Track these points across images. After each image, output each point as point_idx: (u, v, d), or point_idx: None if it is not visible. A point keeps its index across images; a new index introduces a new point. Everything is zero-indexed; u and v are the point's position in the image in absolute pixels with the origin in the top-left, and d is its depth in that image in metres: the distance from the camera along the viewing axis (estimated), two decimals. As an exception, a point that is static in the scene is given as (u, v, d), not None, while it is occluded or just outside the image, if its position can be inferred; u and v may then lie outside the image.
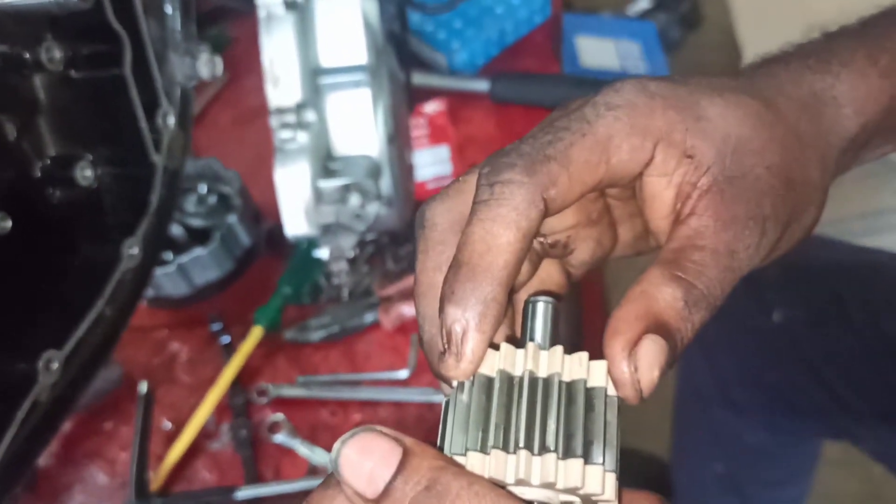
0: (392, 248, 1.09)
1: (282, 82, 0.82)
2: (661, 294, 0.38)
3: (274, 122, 0.83)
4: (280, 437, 0.96)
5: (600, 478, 0.35)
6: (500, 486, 0.35)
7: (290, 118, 0.82)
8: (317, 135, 0.86)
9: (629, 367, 0.36)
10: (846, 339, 1.10)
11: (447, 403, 0.38)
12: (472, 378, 0.37)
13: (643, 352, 0.36)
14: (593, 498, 0.36)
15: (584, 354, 0.38)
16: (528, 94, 1.21)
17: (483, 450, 0.35)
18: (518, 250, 0.37)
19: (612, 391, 0.37)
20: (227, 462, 0.97)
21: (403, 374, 0.99)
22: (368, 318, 1.04)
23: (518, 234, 0.37)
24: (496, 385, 0.37)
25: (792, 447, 1.29)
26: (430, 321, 0.40)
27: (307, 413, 0.99)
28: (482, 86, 1.23)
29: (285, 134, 0.82)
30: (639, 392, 0.36)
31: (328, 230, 0.87)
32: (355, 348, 1.04)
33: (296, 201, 0.85)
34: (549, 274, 0.45)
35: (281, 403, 1.00)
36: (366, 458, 0.34)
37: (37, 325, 0.55)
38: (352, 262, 1.06)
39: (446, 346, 0.37)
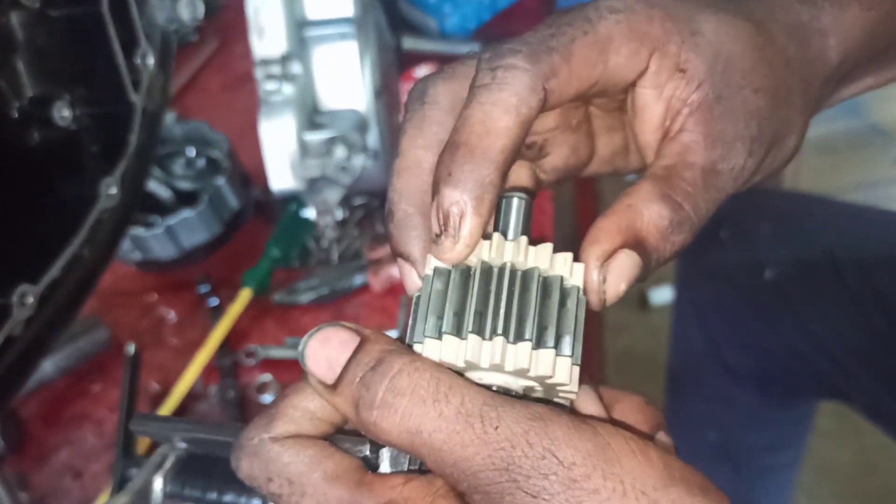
0: (381, 210, 1.08)
1: (267, 33, 0.81)
2: (647, 211, 0.38)
3: (259, 73, 0.82)
4: (268, 398, 0.96)
5: (568, 369, 0.36)
6: (472, 367, 0.36)
7: (276, 69, 0.81)
8: (302, 87, 0.85)
9: (599, 276, 0.37)
10: (838, 295, 1.10)
11: (418, 295, 0.38)
12: (432, 271, 0.37)
13: (615, 265, 0.37)
14: (557, 388, 0.37)
15: (569, 255, 0.38)
16: (519, 58, 1.20)
17: (458, 334, 0.36)
18: (516, 136, 0.37)
19: (575, 283, 0.38)
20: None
21: (393, 334, 0.98)
22: (358, 280, 1.03)
23: (518, 120, 0.37)
24: (453, 276, 0.37)
25: (784, 410, 1.29)
26: (406, 199, 0.40)
27: (296, 374, 0.98)
28: (473, 50, 1.22)
29: (270, 86, 0.81)
30: (602, 301, 0.38)
31: (314, 185, 0.86)
32: (344, 310, 1.04)
33: (281, 155, 0.84)
34: (519, 177, 0.44)
35: (269, 365, 0.99)
36: (326, 347, 0.35)
37: (12, 260, 0.55)
38: (341, 224, 1.05)
39: (442, 229, 0.37)
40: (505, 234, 0.39)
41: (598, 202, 1.82)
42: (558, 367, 0.36)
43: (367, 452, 0.38)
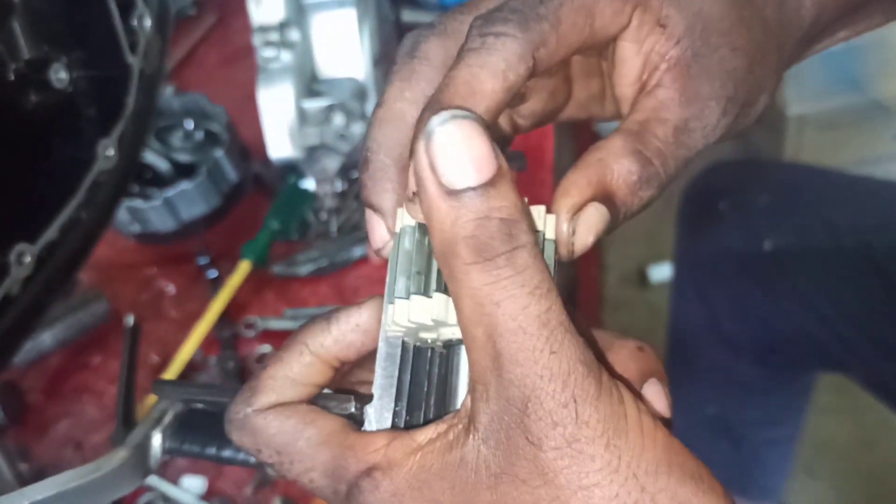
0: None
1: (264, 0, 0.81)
2: (617, 165, 0.38)
3: (257, 40, 0.82)
4: (268, 369, 0.96)
5: None
6: (441, 324, 0.36)
7: (274, 36, 0.80)
8: (301, 55, 0.84)
9: (568, 228, 0.37)
10: (837, 265, 1.10)
11: (392, 252, 0.38)
12: (411, 225, 0.37)
13: (584, 217, 0.37)
14: None
15: (542, 208, 0.38)
16: (519, 31, 1.19)
17: (426, 293, 0.36)
18: (500, 101, 0.37)
19: (549, 235, 0.37)
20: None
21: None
22: (357, 252, 1.03)
23: (503, 85, 0.37)
24: (417, 231, 0.37)
25: (783, 382, 1.29)
26: (385, 150, 0.39)
27: (296, 345, 0.99)
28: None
29: (268, 52, 0.80)
30: (571, 252, 0.38)
31: (313, 153, 0.86)
32: (344, 282, 1.03)
33: (279, 123, 0.83)
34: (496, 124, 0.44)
35: (269, 336, 0.99)
36: (466, 150, 0.32)
37: (9, 220, 0.54)
38: (340, 196, 1.05)
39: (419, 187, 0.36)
40: None
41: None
42: None
43: (353, 409, 0.38)
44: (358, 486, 0.35)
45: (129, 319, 0.94)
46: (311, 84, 0.87)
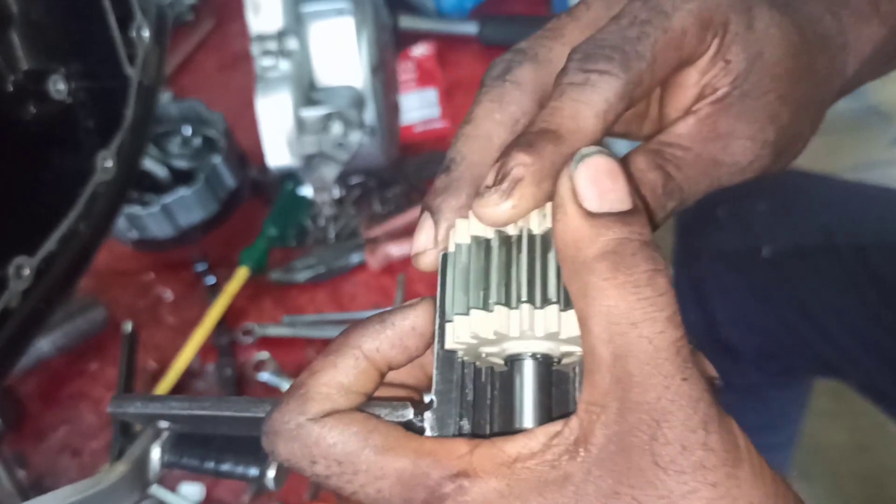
0: (379, 190, 1.08)
1: (263, 8, 0.81)
2: (646, 179, 0.39)
3: (255, 49, 0.82)
4: (265, 376, 0.96)
5: None
6: (503, 338, 0.36)
7: (272, 45, 0.80)
8: (299, 63, 0.84)
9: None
10: (834, 271, 1.10)
11: (443, 267, 0.38)
12: (469, 240, 0.37)
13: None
14: None
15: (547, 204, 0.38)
16: (517, 37, 1.18)
17: (486, 307, 0.35)
18: (599, 138, 0.37)
19: None
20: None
21: (390, 313, 0.98)
22: (355, 258, 1.03)
23: (603, 125, 0.37)
24: (493, 244, 0.37)
25: (781, 389, 1.30)
26: (467, 164, 0.39)
27: (293, 352, 0.99)
28: (471, 28, 1.21)
29: (267, 61, 0.80)
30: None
31: (311, 161, 0.86)
32: (341, 289, 1.04)
33: (277, 131, 0.84)
34: None
35: (266, 343, 1.00)
36: (612, 180, 0.34)
37: (8, 232, 0.54)
38: (338, 203, 1.05)
39: (497, 182, 0.36)
40: None
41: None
42: None
43: (412, 416, 0.36)
44: (441, 493, 0.34)
45: (127, 326, 0.94)
46: (308, 92, 0.87)
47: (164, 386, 0.94)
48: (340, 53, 0.87)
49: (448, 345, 0.36)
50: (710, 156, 0.40)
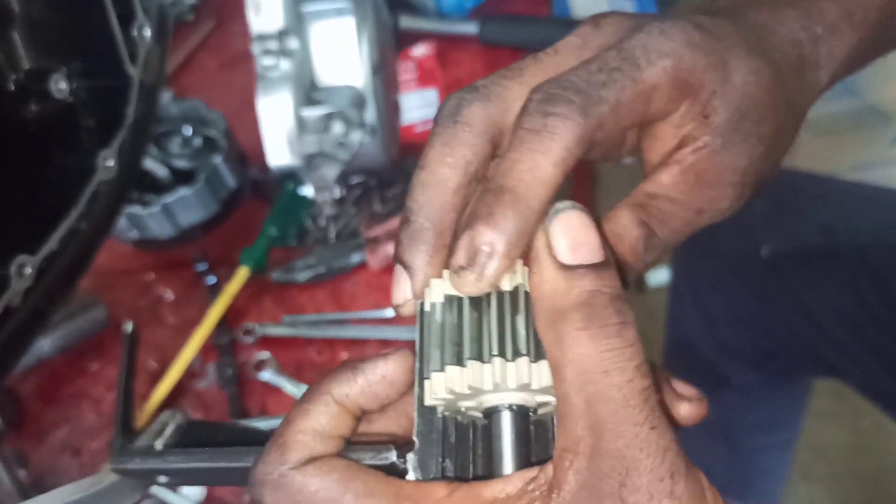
0: (379, 190, 1.08)
1: (263, 8, 0.81)
2: (627, 235, 0.40)
3: (256, 48, 0.82)
4: (266, 375, 0.96)
5: None
6: (479, 392, 0.37)
7: (273, 45, 0.81)
8: (300, 63, 0.84)
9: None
10: (834, 271, 1.10)
11: (420, 323, 0.39)
12: (442, 298, 0.38)
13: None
14: None
15: (518, 260, 0.39)
16: (517, 37, 1.20)
17: (459, 363, 0.36)
18: (558, 186, 0.38)
19: None
20: (213, 400, 0.96)
21: (390, 312, 0.98)
22: (355, 258, 1.03)
23: (562, 172, 0.38)
24: (465, 302, 0.38)
25: (780, 389, 1.30)
26: (425, 213, 0.40)
27: (293, 352, 0.99)
28: (471, 28, 1.21)
29: (267, 61, 0.80)
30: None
31: (311, 161, 0.86)
32: (342, 288, 1.04)
33: (278, 131, 0.84)
34: None
35: (267, 342, 1.00)
36: (584, 234, 0.36)
37: (10, 231, 0.54)
38: (339, 202, 1.05)
39: (468, 264, 0.37)
40: None
41: (595, 184, 1.82)
42: None
43: (395, 458, 0.38)
44: None
45: (128, 326, 0.94)
46: (309, 92, 0.87)
47: (165, 386, 0.94)
48: (341, 53, 0.87)
49: (427, 401, 0.37)
50: (695, 206, 0.41)
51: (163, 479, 0.45)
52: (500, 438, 0.38)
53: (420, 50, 1.19)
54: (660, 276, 2.21)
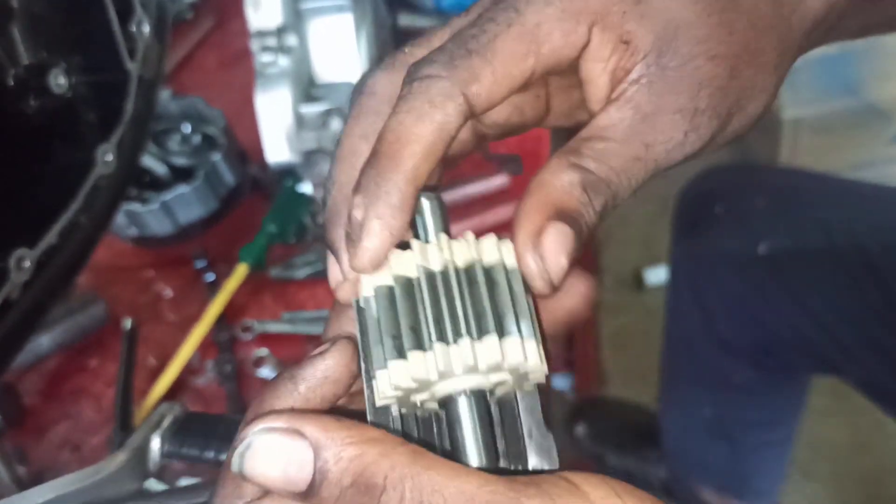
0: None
1: (262, 5, 0.81)
2: (557, 181, 0.37)
3: (255, 45, 0.82)
4: (265, 372, 0.96)
5: (519, 347, 0.35)
6: (426, 385, 0.35)
7: (271, 41, 0.81)
8: (298, 60, 0.85)
9: (535, 257, 0.36)
10: (832, 268, 1.11)
11: (359, 325, 0.37)
12: (371, 290, 0.36)
13: (547, 241, 0.36)
14: (521, 370, 0.35)
15: (470, 234, 0.37)
16: (515, 35, 1.20)
17: (401, 356, 0.35)
18: (430, 143, 0.36)
19: (511, 264, 0.37)
20: (212, 396, 0.97)
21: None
22: (354, 255, 1.03)
23: (431, 127, 0.36)
24: (396, 291, 0.36)
25: (779, 385, 1.30)
26: (338, 187, 0.39)
27: (292, 348, 0.99)
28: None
29: (266, 57, 0.81)
30: (549, 281, 0.36)
31: (310, 157, 0.86)
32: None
33: (277, 127, 0.84)
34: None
35: (266, 339, 1.00)
36: (275, 468, 0.32)
37: (9, 224, 0.55)
38: (337, 200, 1.05)
39: (348, 233, 0.36)
40: (425, 238, 0.38)
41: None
42: (507, 349, 0.35)
43: None
44: None
45: (127, 322, 0.95)
46: (308, 89, 0.87)
47: (164, 382, 0.94)
48: (340, 50, 0.87)
49: (378, 403, 0.36)
50: (638, 139, 0.38)
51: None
52: (460, 427, 0.36)
53: (419, 48, 1.20)
54: (658, 275, 2.22)
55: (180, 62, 1.30)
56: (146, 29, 0.64)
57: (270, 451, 0.32)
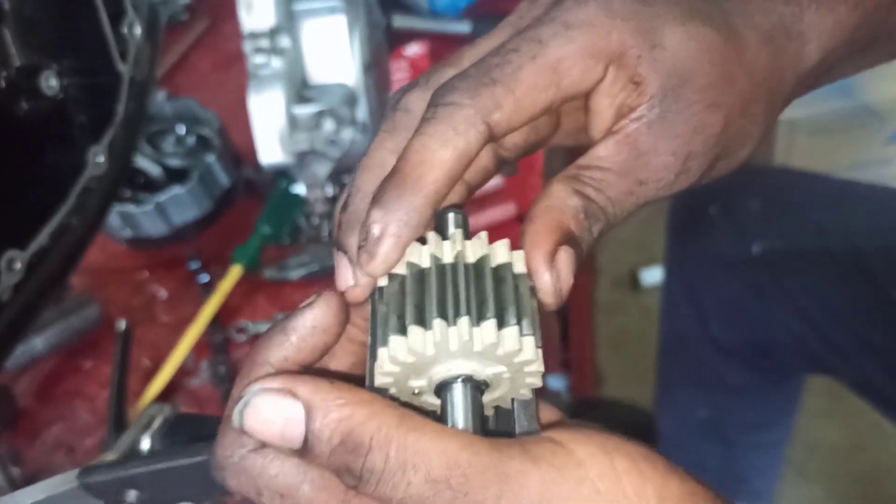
0: (373, 188, 1.08)
1: (255, 6, 0.81)
2: (565, 207, 0.40)
3: (248, 47, 0.82)
4: (259, 373, 0.96)
5: (533, 346, 0.36)
6: (424, 362, 0.36)
7: (264, 43, 0.81)
8: (291, 61, 0.85)
9: (552, 277, 0.38)
10: (826, 269, 1.11)
11: (371, 311, 0.39)
12: (386, 280, 0.38)
13: (561, 263, 0.39)
14: (516, 362, 0.36)
15: (484, 234, 0.40)
16: (510, 36, 1.20)
17: (423, 324, 0.36)
18: (451, 168, 0.39)
19: (518, 269, 0.39)
20: (206, 398, 0.97)
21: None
22: (348, 256, 1.04)
23: (454, 153, 0.38)
24: (407, 279, 0.38)
25: (774, 387, 1.30)
26: (361, 196, 0.41)
27: (287, 349, 0.99)
28: (464, 28, 1.22)
29: (259, 59, 0.81)
30: (560, 297, 0.39)
31: (303, 159, 0.86)
32: (335, 287, 1.04)
33: (270, 128, 0.84)
34: (479, 156, 0.45)
35: (260, 340, 1.00)
36: (272, 425, 0.35)
37: (0, 226, 0.55)
38: (331, 201, 1.05)
39: (362, 243, 0.38)
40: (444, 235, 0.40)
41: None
42: (524, 344, 0.36)
43: None
44: None
45: (121, 324, 0.95)
46: (301, 90, 0.87)
47: (158, 384, 0.95)
48: (333, 51, 0.87)
49: (377, 382, 0.37)
50: (632, 175, 0.41)
51: (132, 495, 0.44)
52: (453, 412, 0.37)
53: (413, 49, 1.20)
54: (654, 276, 2.22)
55: (175, 64, 1.30)
56: (137, 31, 0.64)
57: (267, 410, 0.34)
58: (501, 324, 0.36)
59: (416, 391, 0.38)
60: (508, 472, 0.33)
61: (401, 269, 0.38)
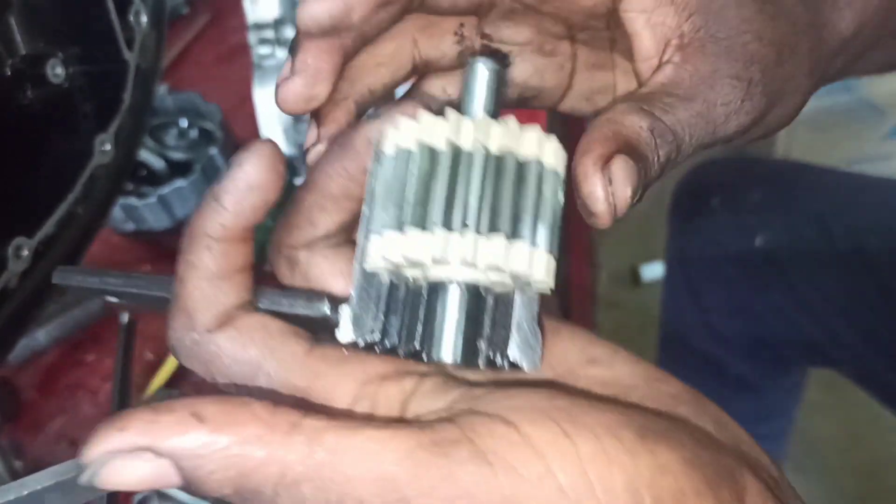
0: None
1: (259, -3, 0.81)
2: (626, 121, 0.36)
3: (252, 38, 0.82)
4: (263, 365, 0.96)
5: (545, 263, 0.32)
6: (417, 265, 0.33)
7: (269, 34, 0.81)
8: (296, 52, 0.85)
9: (603, 181, 0.34)
10: (828, 261, 1.11)
11: (374, 173, 0.34)
12: (393, 148, 0.34)
13: (616, 167, 0.34)
14: (523, 279, 0.33)
15: (513, 119, 0.34)
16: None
17: (399, 229, 0.32)
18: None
19: (550, 165, 0.34)
20: (210, 390, 0.96)
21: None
22: (351, 248, 1.03)
23: None
24: (417, 159, 0.33)
25: (775, 378, 1.30)
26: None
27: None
28: (466, 21, 1.21)
29: (264, 50, 0.81)
30: (613, 209, 0.34)
31: (307, 151, 0.86)
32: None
33: (274, 120, 0.84)
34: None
35: (263, 333, 0.99)
36: (140, 483, 0.28)
37: (7, 214, 0.55)
38: (334, 193, 1.05)
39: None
40: (467, 111, 0.36)
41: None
42: (534, 262, 0.32)
43: (328, 311, 0.34)
44: None
45: (124, 317, 0.95)
46: (305, 81, 0.87)
47: (162, 376, 0.95)
48: (337, 42, 0.87)
49: (369, 265, 0.33)
50: (700, 97, 0.38)
51: (113, 300, 0.41)
52: (443, 316, 0.33)
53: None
54: (655, 271, 2.22)
55: (177, 57, 1.30)
56: (144, 19, 0.64)
57: (126, 474, 0.28)
58: (513, 235, 0.32)
59: (411, 278, 0.34)
60: (459, 482, 0.27)
61: (411, 144, 0.33)
